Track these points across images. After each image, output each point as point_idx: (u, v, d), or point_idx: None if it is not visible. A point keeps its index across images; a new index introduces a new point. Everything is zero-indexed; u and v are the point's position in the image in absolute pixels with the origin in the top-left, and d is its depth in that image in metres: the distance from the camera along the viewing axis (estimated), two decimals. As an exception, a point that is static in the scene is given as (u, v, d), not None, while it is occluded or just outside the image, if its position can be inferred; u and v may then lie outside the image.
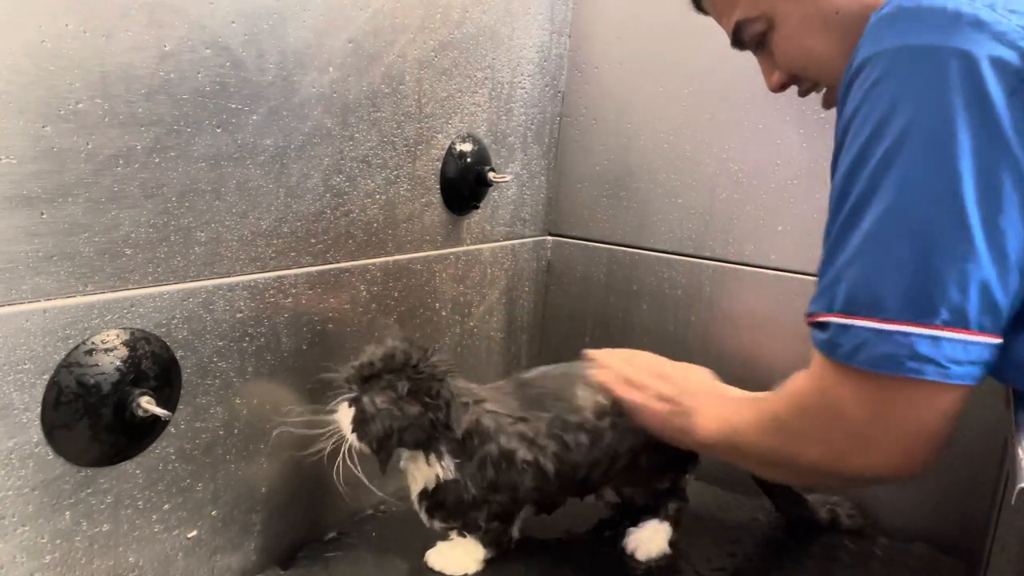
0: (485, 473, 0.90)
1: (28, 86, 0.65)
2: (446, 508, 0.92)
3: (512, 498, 0.92)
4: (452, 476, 0.89)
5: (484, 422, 0.90)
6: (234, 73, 0.81)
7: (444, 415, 0.87)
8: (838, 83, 0.66)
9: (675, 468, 1.01)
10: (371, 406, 0.85)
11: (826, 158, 0.69)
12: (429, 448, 0.89)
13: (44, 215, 0.67)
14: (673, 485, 1.02)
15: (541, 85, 1.33)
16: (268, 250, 0.89)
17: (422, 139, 1.09)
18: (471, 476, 0.90)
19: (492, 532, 0.93)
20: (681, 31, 1.25)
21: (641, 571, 0.98)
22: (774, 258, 1.20)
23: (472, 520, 0.92)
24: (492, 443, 0.90)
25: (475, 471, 0.90)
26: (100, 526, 0.75)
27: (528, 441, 0.92)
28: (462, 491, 0.90)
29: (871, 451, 0.65)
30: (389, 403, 0.85)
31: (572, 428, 0.94)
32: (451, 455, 0.89)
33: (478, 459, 0.90)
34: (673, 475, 1.02)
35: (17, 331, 0.67)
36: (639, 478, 0.99)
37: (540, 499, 0.96)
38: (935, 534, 1.10)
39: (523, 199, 1.34)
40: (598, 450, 0.95)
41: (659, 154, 1.29)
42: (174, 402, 0.80)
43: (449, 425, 0.87)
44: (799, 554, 1.04)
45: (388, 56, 1.00)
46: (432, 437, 0.88)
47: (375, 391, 0.85)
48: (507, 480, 0.91)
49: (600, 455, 0.95)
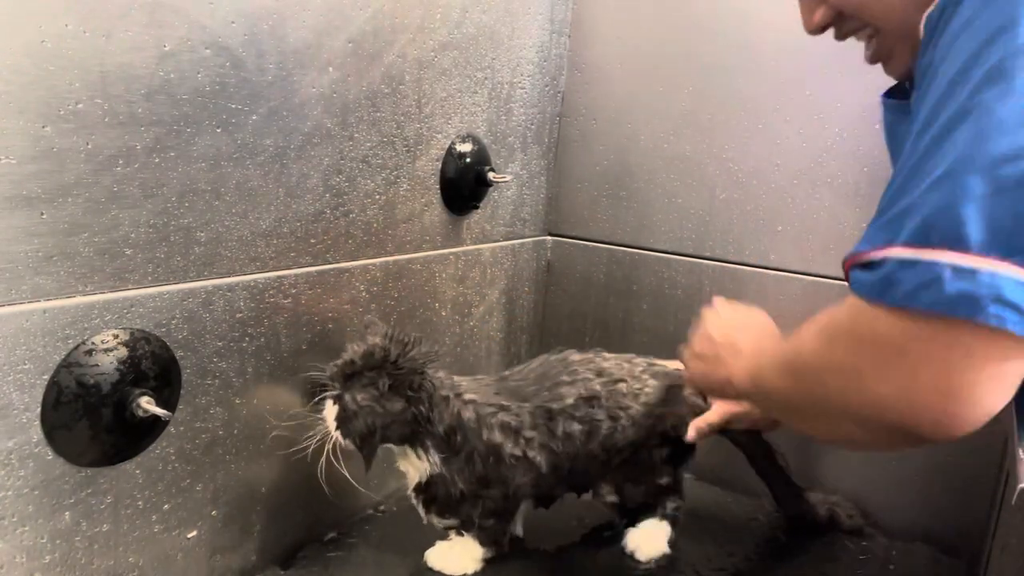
0: (473, 468, 0.90)
1: (28, 86, 0.65)
2: (439, 502, 0.92)
3: (504, 493, 0.93)
4: (438, 471, 0.90)
5: (465, 415, 0.91)
6: (234, 73, 0.81)
7: (427, 408, 0.87)
8: (896, 29, 0.62)
9: (674, 462, 1.02)
10: (353, 403, 0.86)
11: (826, 158, 0.69)
12: (415, 442, 0.89)
13: (44, 215, 0.67)
14: (672, 480, 1.02)
15: (541, 85, 1.33)
16: (268, 250, 0.89)
17: (422, 139, 1.09)
18: (459, 471, 0.90)
19: (489, 530, 0.94)
20: (681, 31, 1.25)
21: (641, 571, 0.98)
22: (774, 258, 1.20)
23: (467, 515, 0.93)
24: (476, 438, 0.90)
25: (463, 465, 0.90)
26: (100, 526, 0.75)
27: (513, 432, 0.92)
28: (450, 486, 0.90)
29: (912, 400, 0.55)
30: (371, 400, 0.86)
31: (557, 416, 0.94)
32: (436, 449, 0.89)
33: (464, 454, 0.90)
34: (672, 469, 1.02)
35: (17, 331, 0.67)
36: (638, 473, 0.99)
37: (536, 493, 0.96)
38: (935, 534, 1.10)
39: (523, 199, 1.34)
40: (595, 442, 0.95)
41: (659, 154, 1.29)
42: (174, 402, 0.80)
43: (431, 419, 0.88)
44: (799, 554, 1.04)
45: (388, 56, 1.00)
46: (416, 432, 0.89)
47: (356, 388, 0.86)
48: (496, 475, 0.91)
49: (596, 447, 0.95)
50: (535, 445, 0.93)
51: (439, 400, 0.89)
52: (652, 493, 1.02)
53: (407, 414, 0.87)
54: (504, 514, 0.95)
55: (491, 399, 0.94)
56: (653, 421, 0.98)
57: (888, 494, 1.13)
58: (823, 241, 1.16)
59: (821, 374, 0.62)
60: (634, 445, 0.97)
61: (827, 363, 0.61)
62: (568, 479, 0.98)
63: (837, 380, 0.60)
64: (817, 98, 1.15)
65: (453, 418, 0.90)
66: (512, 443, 0.92)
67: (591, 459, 0.96)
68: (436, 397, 0.88)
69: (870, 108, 1.11)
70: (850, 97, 1.12)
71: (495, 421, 0.92)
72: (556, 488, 0.99)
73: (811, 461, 1.18)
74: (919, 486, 1.11)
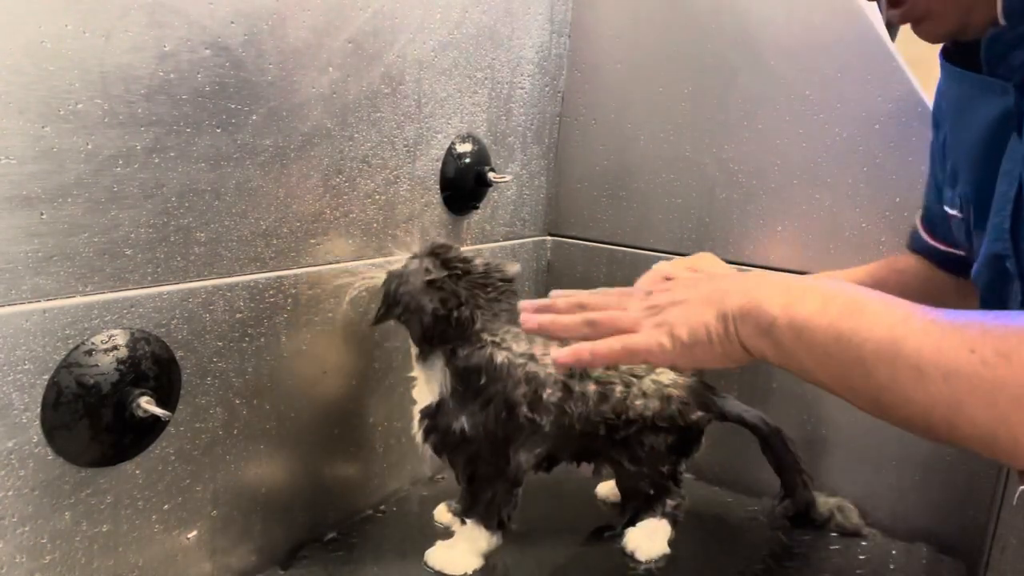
0: (486, 416, 0.91)
1: (28, 86, 0.65)
2: (438, 433, 0.93)
3: (505, 459, 0.93)
4: (447, 399, 0.92)
5: (497, 359, 0.91)
6: (234, 73, 0.81)
7: (453, 329, 0.90)
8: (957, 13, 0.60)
9: (678, 451, 1.02)
10: (405, 268, 0.91)
11: (826, 158, 0.68)
12: (427, 354, 0.93)
13: (44, 215, 0.67)
14: (673, 470, 1.02)
15: (541, 85, 1.33)
16: (268, 250, 0.89)
17: (422, 139, 1.09)
18: (469, 413, 0.91)
19: (489, 506, 0.94)
20: (681, 31, 1.25)
21: (641, 571, 0.98)
22: (774, 258, 1.20)
23: (458, 464, 0.94)
24: (499, 385, 0.91)
25: (476, 410, 0.91)
26: (100, 526, 0.75)
27: (534, 389, 0.92)
28: (452, 420, 0.92)
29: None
30: (422, 278, 0.90)
31: (576, 373, 0.95)
32: (453, 378, 0.92)
33: (482, 400, 0.91)
34: (675, 459, 1.02)
35: (17, 331, 0.67)
36: (641, 455, 0.99)
37: (538, 459, 0.97)
38: (935, 534, 1.10)
39: (523, 199, 1.34)
40: (606, 405, 0.96)
41: (659, 154, 1.29)
42: (174, 402, 0.80)
43: (449, 337, 0.91)
44: (799, 554, 1.04)
45: (388, 56, 1.00)
46: (430, 341, 0.92)
47: (430, 265, 0.90)
48: (504, 432, 0.92)
49: (607, 410, 0.96)
50: (551, 408, 0.93)
51: (474, 334, 0.91)
52: (652, 482, 1.01)
53: (428, 315, 0.90)
54: (499, 481, 0.94)
55: (523, 347, 0.94)
56: (661, 401, 0.98)
57: (888, 494, 1.13)
58: (823, 241, 1.16)
59: (958, 383, 0.48)
60: (643, 420, 0.97)
61: (982, 381, 0.47)
62: (574, 444, 0.98)
63: (974, 402, 0.48)
64: (817, 98, 1.15)
65: (482, 359, 0.91)
66: (528, 406, 0.92)
67: (600, 424, 0.96)
68: (471, 331, 0.91)
69: (870, 108, 1.11)
70: (850, 97, 1.12)
71: (522, 374, 0.92)
72: (561, 453, 0.99)
73: (812, 461, 1.18)
74: (919, 486, 1.11)
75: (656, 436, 0.98)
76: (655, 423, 0.98)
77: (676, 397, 0.99)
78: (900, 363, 0.51)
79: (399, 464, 1.15)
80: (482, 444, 0.92)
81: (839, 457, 1.16)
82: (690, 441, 1.02)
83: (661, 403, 0.98)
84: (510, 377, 0.91)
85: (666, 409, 0.98)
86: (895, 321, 0.52)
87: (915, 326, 0.51)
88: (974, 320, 0.49)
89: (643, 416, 0.97)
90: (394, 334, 1.08)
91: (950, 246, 0.93)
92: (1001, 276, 0.69)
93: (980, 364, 0.47)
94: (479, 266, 0.94)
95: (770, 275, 0.63)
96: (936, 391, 0.49)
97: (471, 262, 0.93)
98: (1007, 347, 0.47)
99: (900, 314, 0.53)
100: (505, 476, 0.93)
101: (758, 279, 0.62)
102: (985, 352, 0.47)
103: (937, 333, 0.50)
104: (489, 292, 0.93)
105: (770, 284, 0.60)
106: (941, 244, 0.95)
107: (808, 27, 1.14)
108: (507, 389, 0.91)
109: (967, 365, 0.48)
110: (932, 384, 0.49)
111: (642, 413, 0.97)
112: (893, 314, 0.53)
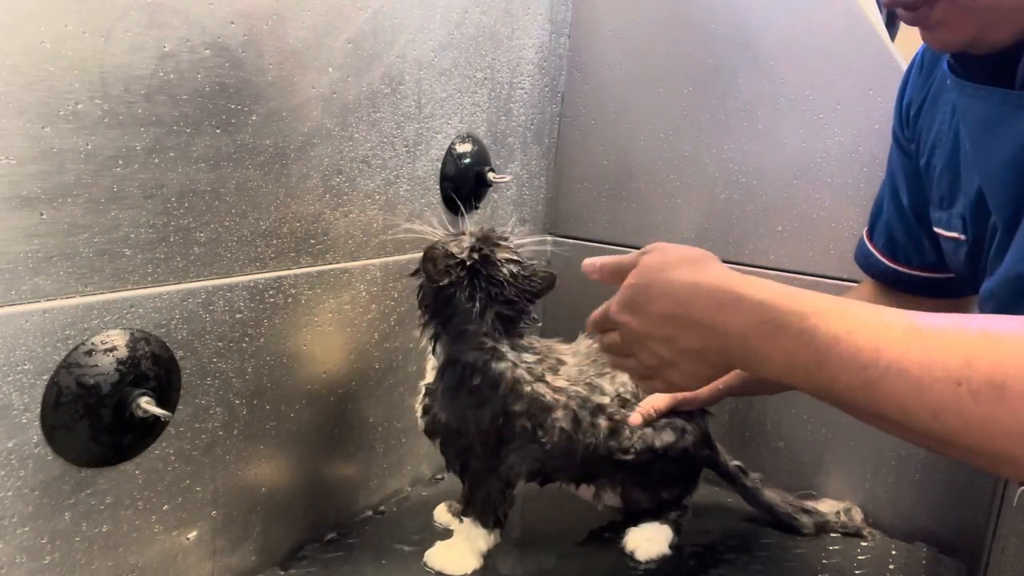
0: (481, 417, 0.91)
1: (28, 86, 0.65)
2: (429, 415, 0.95)
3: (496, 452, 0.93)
4: (433, 382, 0.93)
5: (495, 367, 0.90)
6: (234, 74, 0.81)
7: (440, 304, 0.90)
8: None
9: (684, 482, 1.02)
10: (449, 244, 0.90)
11: (826, 158, 0.68)
12: (426, 326, 0.93)
13: (44, 215, 0.67)
14: (679, 497, 1.03)
15: (541, 85, 1.33)
16: (268, 250, 0.89)
17: (422, 139, 1.09)
18: (457, 409, 0.91)
19: (485, 502, 0.94)
20: (681, 31, 1.25)
21: (641, 571, 0.98)
22: (773, 258, 1.20)
23: (448, 453, 0.95)
24: (494, 391, 0.90)
25: (467, 408, 0.91)
26: (100, 527, 0.75)
27: (536, 409, 0.91)
28: (438, 408, 0.93)
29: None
30: (449, 249, 0.89)
31: (591, 408, 0.95)
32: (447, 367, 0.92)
33: (476, 400, 0.90)
34: (680, 489, 1.02)
35: (17, 331, 0.67)
36: (646, 482, 0.99)
37: (533, 474, 0.97)
38: (935, 534, 1.10)
39: (523, 199, 1.34)
40: (615, 440, 0.95)
41: (659, 154, 1.29)
42: (174, 402, 0.80)
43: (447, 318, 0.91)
44: (799, 554, 1.04)
45: (388, 56, 1.00)
46: (423, 304, 0.93)
47: (467, 243, 0.90)
48: (499, 435, 0.92)
49: (615, 445, 0.96)
50: (556, 432, 0.92)
51: (474, 335, 0.90)
52: (657, 504, 1.02)
53: (433, 291, 0.90)
54: (492, 479, 0.94)
55: (531, 362, 0.93)
56: (676, 436, 0.98)
57: (888, 494, 1.13)
58: (823, 241, 1.16)
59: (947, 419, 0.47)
60: (651, 452, 0.97)
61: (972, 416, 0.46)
62: (574, 467, 0.97)
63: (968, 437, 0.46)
64: (817, 98, 1.15)
65: (478, 359, 0.90)
66: (527, 417, 0.91)
67: (605, 455, 0.96)
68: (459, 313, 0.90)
69: (870, 109, 1.11)
70: (850, 97, 1.12)
71: (525, 391, 0.91)
72: (559, 473, 0.99)
73: (812, 461, 1.18)
74: (919, 486, 1.11)
75: (664, 465, 0.98)
76: (666, 454, 0.98)
77: (690, 431, 1.00)
78: (883, 406, 0.50)
79: (399, 464, 1.15)
80: (474, 440, 0.92)
81: (839, 457, 1.16)
82: (696, 474, 1.04)
83: (676, 436, 0.98)
84: (511, 391, 0.91)
85: (679, 442, 0.98)
86: (865, 363, 0.50)
87: (888, 363, 0.49)
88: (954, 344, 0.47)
89: (651, 449, 0.97)
90: (394, 334, 1.09)
91: (917, 269, 0.93)
92: (1020, 296, 0.66)
93: (970, 399, 0.45)
94: (513, 268, 0.91)
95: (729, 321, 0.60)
96: (927, 428, 0.48)
97: (507, 263, 0.91)
98: (1001, 376, 0.44)
99: (868, 355, 0.50)
100: (498, 475, 0.94)
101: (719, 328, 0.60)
102: (974, 384, 0.45)
103: (915, 370, 0.48)
104: (507, 292, 0.91)
105: (733, 340, 0.59)
106: (903, 267, 0.95)
107: (808, 28, 1.14)
108: (506, 400, 0.91)
109: (955, 402, 0.46)
110: (921, 422, 0.48)
111: (651, 446, 0.97)
112: (859, 357, 0.51)
